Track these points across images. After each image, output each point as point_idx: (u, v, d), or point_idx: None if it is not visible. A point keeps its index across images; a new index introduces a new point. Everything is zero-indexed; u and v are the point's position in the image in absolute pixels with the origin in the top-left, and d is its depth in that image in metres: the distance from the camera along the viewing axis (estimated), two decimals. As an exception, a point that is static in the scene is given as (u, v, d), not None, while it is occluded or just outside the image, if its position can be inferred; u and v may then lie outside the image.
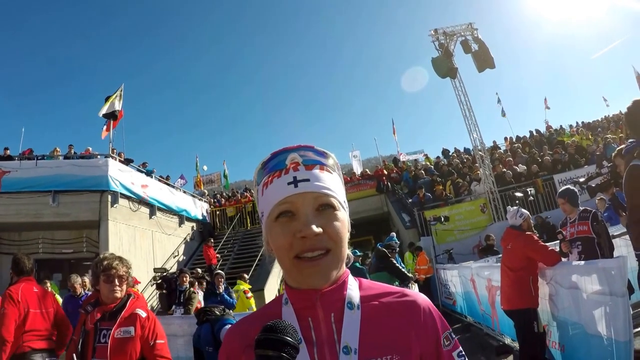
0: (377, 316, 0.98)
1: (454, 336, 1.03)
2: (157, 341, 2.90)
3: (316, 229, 0.90)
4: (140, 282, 10.93)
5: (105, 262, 2.95)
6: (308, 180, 0.95)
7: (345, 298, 0.98)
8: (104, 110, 14.44)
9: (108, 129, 14.71)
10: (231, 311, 6.07)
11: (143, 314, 2.92)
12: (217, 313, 6.29)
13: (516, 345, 6.06)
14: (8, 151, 14.62)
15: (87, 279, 9.78)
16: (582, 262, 4.48)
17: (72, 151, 15.27)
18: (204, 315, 6.36)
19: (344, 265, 1.01)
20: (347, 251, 1.01)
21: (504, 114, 27.95)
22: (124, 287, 2.99)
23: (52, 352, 4.36)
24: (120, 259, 3.04)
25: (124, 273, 2.97)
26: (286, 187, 0.94)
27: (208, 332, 6.10)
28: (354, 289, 1.01)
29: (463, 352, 1.02)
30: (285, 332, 0.78)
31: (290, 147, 1.00)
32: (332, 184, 0.98)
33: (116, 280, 2.92)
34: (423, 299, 1.03)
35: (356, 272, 8.49)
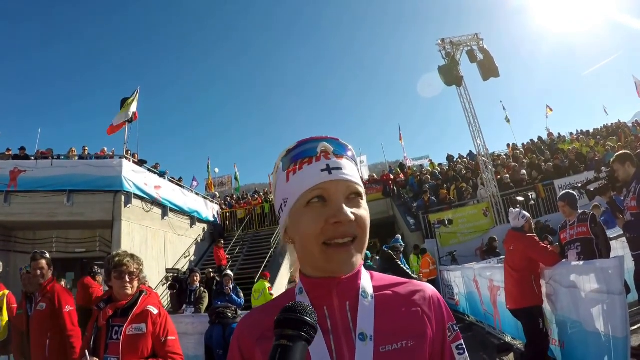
0: (390, 304, 0.99)
1: (456, 328, 1.05)
2: (169, 337, 2.88)
3: (351, 215, 0.92)
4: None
5: (117, 259, 2.95)
6: (340, 169, 0.96)
7: (360, 287, 0.99)
8: (123, 117, 14.64)
9: (118, 127, 14.85)
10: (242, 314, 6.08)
11: (155, 311, 2.90)
12: (230, 316, 6.41)
13: (517, 343, 6.20)
14: (25, 151, 14.70)
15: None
16: (581, 262, 4.56)
17: (87, 152, 15.38)
18: (216, 317, 6.50)
19: (364, 254, 1.01)
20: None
21: (508, 121, 28.13)
22: (135, 283, 2.98)
23: None
24: (132, 256, 3.03)
25: (135, 270, 2.96)
26: (320, 173, 0.94)
27: (219, 335, 6.19)
28: (366, 279, 1.02)
29: (463, 345, 1.04)
30: (304, 312, 0.78)
31: (319, 137, 1.01)
32: (358, 175, 1.00)
33: (127, 277, 2.91)
34: (431, 289, 1.05)
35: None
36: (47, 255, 4.41)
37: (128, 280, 2.92)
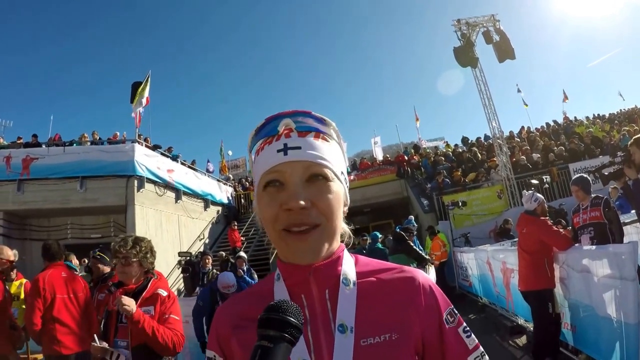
0: (375, 293, 0.92)
1: (457, 312, 0.97)
2: (172, 315, 2.86)
3: (302, 201, 0.83)
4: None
5: (112, 245, 2.94)
6: (299, 147, 0.87)
7: (341, 274, 0.92)
8: (139, 105, 14.54)
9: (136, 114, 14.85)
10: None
11: (164, 293, 2.90)
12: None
13: (529, 325, 6.16)
14: (37, 138, 14.73)
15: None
16: (594, 247, 4.53)
17: (97, 137, 15.33)
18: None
19: (338, 239, 0.94)
20: (343, 226, 0.96)
21: (525, 104, 27.67)
22: (135, 267, 2.93)
23: (86, 355, 4.09)
24: (126, 239, 2.99)
25: (128, 254, 2.91)
26: (275, 154, 0.87)
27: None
28: (349, 265, 0.95)
29: (468, 328, 0.97)
30: (289, 312, 0.72)
31: (286, 112, 0.92)
32: (328, 153, 0.90)
33: (122, 262, 2.89)
34: (422, 276, 0.97)
35: (379, 254, 8.56)
36: (46, 242, 4.80)
37: (124, 264, 2.88)
